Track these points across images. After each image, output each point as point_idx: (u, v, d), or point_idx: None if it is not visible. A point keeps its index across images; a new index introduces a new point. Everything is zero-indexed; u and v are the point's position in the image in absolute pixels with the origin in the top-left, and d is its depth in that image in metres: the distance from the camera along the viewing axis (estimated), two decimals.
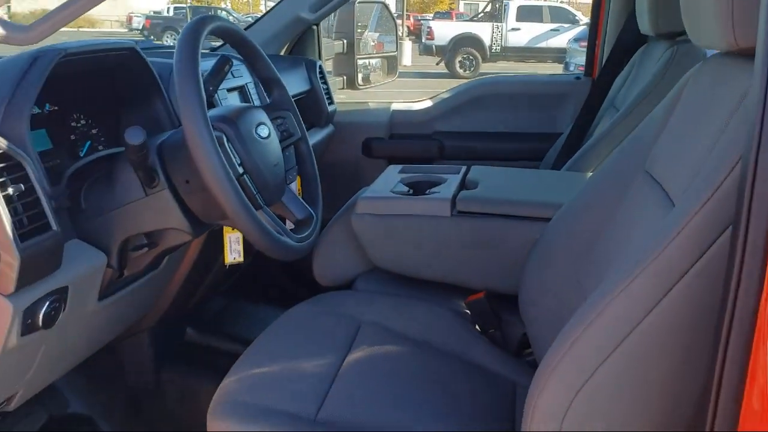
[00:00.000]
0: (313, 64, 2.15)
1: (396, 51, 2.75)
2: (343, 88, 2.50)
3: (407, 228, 1.48)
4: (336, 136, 2.24)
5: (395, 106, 2.44)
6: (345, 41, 2.45)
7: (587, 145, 1.93)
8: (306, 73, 2.11)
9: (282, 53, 2.21)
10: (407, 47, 14.68)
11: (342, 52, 2.44)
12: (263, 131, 1.15)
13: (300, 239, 1.17)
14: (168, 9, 22.33)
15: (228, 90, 1.55)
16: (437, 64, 13.96)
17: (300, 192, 1.33)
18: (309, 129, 1.49)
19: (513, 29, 14.47)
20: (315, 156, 1.37)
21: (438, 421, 1.04)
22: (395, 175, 1.66)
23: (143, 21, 20.95)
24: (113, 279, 1.13)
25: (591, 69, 2.44)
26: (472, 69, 13.77)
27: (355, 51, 2.45)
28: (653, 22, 1.82)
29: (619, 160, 1.17)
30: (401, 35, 15.50)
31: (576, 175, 1.78)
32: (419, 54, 14.93)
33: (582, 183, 1.26)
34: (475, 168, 1.72)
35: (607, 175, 1.19)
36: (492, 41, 14.44)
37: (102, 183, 1.08)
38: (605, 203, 1.14)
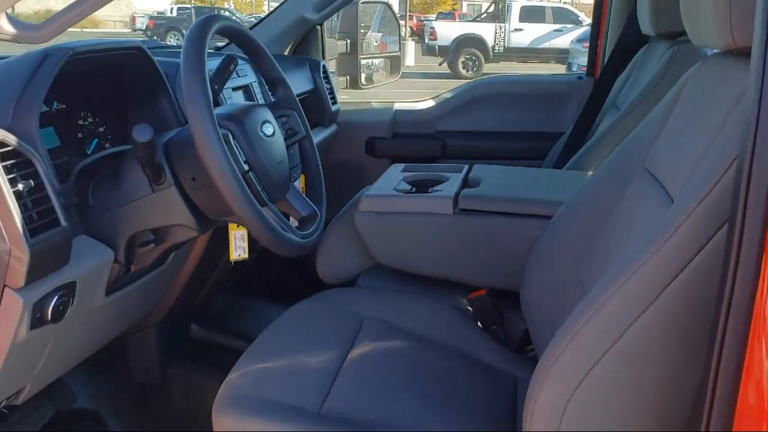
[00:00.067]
0: (317, 63, 2.16)
1: (399, 51, 2.75)
2: (347, 87, 2.51)
3: (410, 225, 1.50)
4: (339, 135, 2.25)
5: (398, 105, 2.44)
6: (348, 41, 2.46)
7: (588, 144, 1.94)
8: (310, 73, 2.12)
9: (286, 53, 2.22)
10: (410, 47, 14.64)
11: (345, 52, 2.46)
12: (268, 129, 1.16)
13: (304, 236, 1.18)
14: (171, 9, 22.36)
15: (233, 89, 1.56)
16: (440, 64, 13.95)
17: (304, 190, 1.34)
18: (313, 128, 1.50)
19: (516, 30, 14.46)
20: (319, 155, 1.38)
21: (440, 416, 1.05)
22: (398, 174, 1.67)
23: (147, 21, 20.97)
24: (120, 275, 1.15)
25: (593, 69, 2.45)
26: (474, 69, 13.76)
27: (359, 51, 2.46)
28: (654, 22, 1.83)
29: (620, 158, 1.18)
30: (404, 35, 15.47)
31: (577, 174, 1.79)
32: (422, 54, 14.91)
33: (583, 181, 1.27)
34: (478, 167, 1.72)
35: (608, 174, 1.19)
36: (495, 42, 14.43)
37: (109, 180, 1.09)
38: (606, 201, 1.15)
